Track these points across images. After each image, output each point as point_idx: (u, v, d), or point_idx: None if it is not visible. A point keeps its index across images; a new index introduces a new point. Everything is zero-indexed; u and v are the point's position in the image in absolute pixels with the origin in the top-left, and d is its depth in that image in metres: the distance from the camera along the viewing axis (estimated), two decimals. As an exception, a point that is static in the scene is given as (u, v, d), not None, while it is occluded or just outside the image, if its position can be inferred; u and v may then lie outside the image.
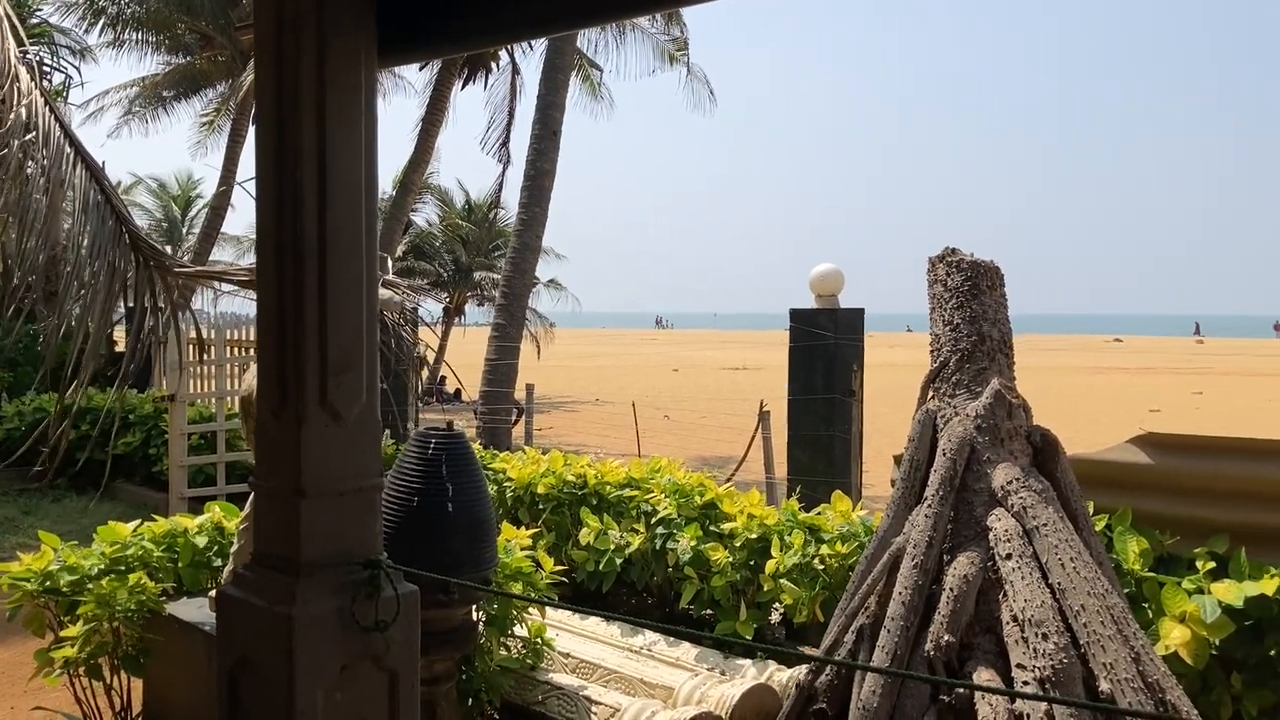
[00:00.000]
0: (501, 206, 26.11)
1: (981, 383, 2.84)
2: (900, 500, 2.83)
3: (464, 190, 31.01)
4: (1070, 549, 2.52)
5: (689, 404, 23.85)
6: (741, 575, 4.79)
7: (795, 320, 6.79)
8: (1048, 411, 19.65)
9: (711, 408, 22.32)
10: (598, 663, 4.61)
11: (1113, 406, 24.09)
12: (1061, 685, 2.34)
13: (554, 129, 12.39)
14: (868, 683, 2.53)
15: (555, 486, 5.68)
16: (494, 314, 12.69)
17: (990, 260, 2.91)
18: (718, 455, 15.90)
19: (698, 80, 18.58)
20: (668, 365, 41.44)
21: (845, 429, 6.53)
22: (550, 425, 20.24)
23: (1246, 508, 3.87)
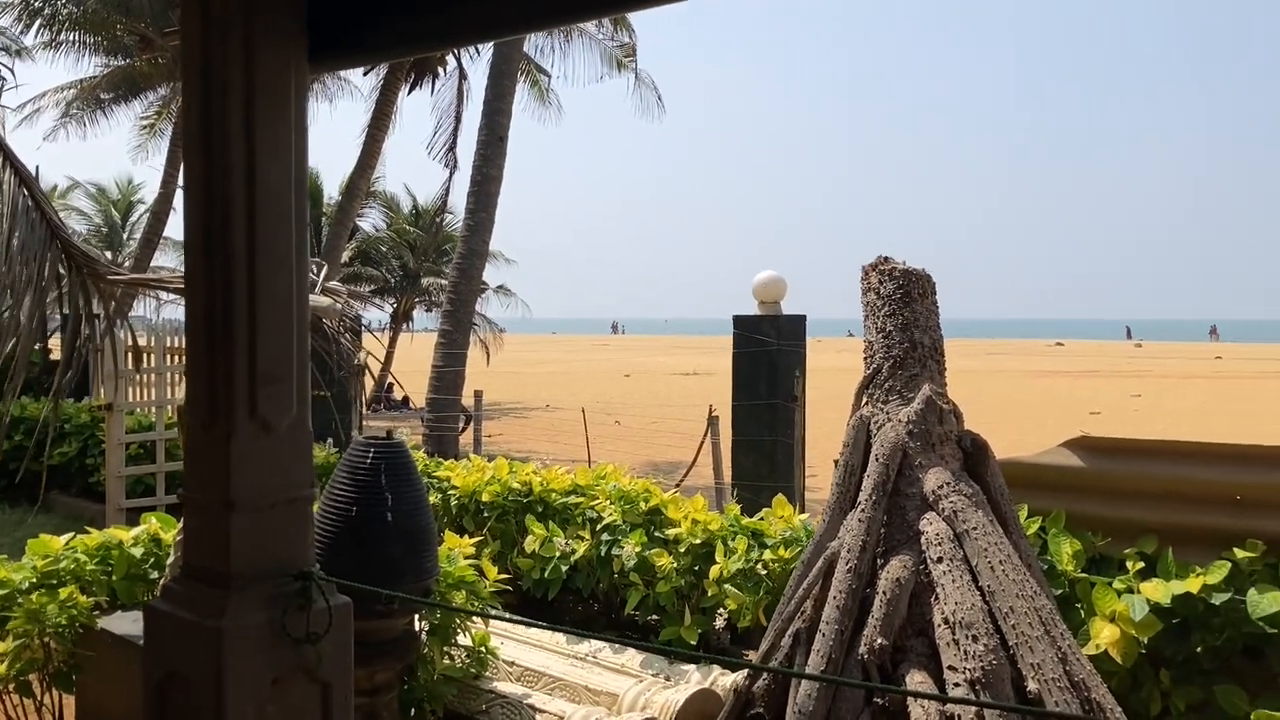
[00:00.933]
0: (449, 212, 25.97)
1: (914, 389, 2.88)
2: (835, 505, 2.86)
3: (411, 195, 30.81)
4: (1000, 552, 2.57)
5: (640, 410, 23.87)
6: (686, 581, 4.82)
7: (738, 327, 6.85)
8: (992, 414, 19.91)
9: (662, 413, 22.36)
10: (542, 670, 4.60)
11: (1055, 409, 24.55)
12: (991, 686, 2.38)
13: (501, 134, 12.36)
14: (803, 687, 2.56)
15: (500, 494, 5.66)
16: (440, 320, 12.61)
17: (922, 269, 2.96)
18: (668, 461, 15.94)
19: (646, 87, 18.65)
20: (619, 371, 41.45)
21: (788, 434, 6.60)
22: (500, 432, 20.14)
23: (1174, 508, 3.97)
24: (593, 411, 20.14)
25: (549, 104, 19.82)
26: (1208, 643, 3.72)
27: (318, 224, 26.84)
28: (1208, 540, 3.85)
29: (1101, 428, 19.41)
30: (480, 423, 14.30)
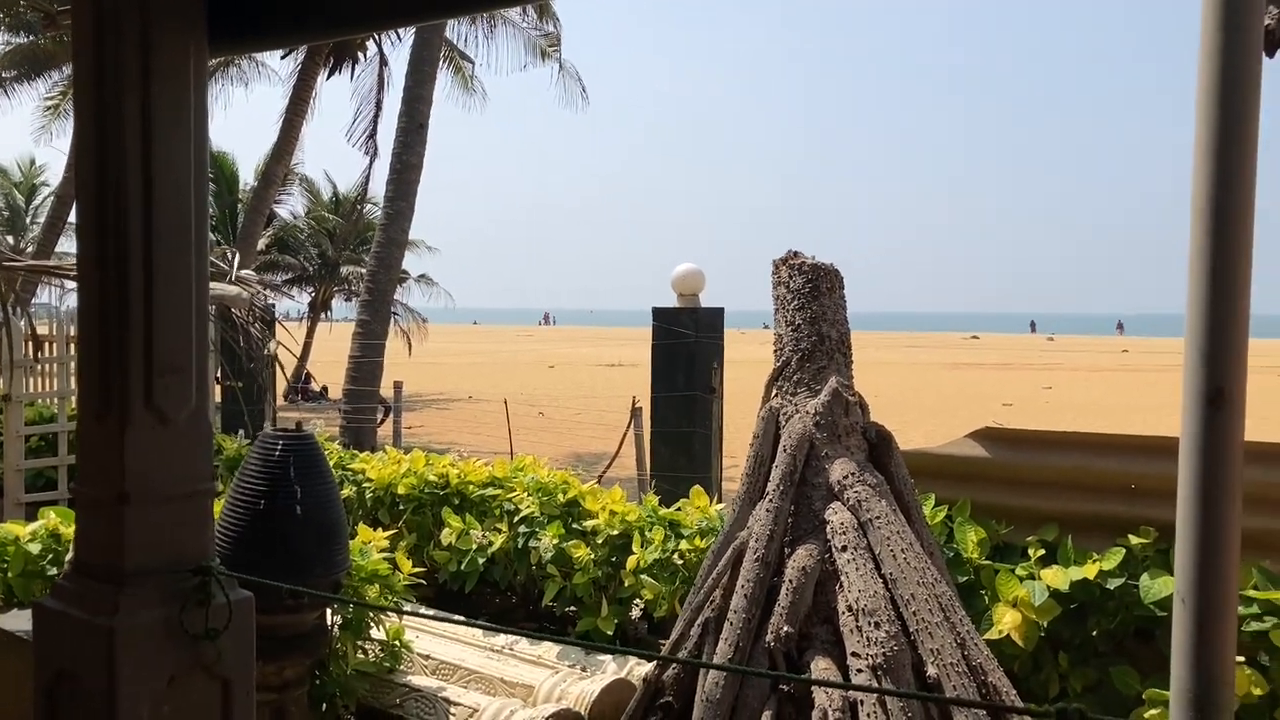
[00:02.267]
0: (369, 200, 25.56)
1: (821, 381, 2.93)
2: (745, 496, 2.90)
3: (331, 182, 30.26)
4: (902, 540, 2.63)
5: (564, 401, 23.84)
6: (603, 572, 4.83)
7: (657, 319, 6.89)
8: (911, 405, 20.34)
9: (587, 404, 22.36)
10: (458, 663, 4.58)
11: (970, 401, 25.18)
12: (892, 672, 2.44)
13: (421, 122, 12.20)
14: (711, 675, 2.59)
15: (416, 487, 5.60)
16: (358, 310, 12.42)
17: (829, 263, 3.01)
18: (592, 452, 15.96)
19: (570, 77, 18.59)
20: (544, 362, 41.32)
21: (706, 425, 6.66)
22: (421, 424, 19.93)
23: (1073, 497, 4.11)
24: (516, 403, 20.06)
25: (473, 91, 19.64)
26: (1103, 626, 3.87)
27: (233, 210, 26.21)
28: (1104, 527, 3.99)
29: (1014, 419, 19.98)
30: (400, 414, 14.13)
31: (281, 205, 28.14)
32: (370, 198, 23.49)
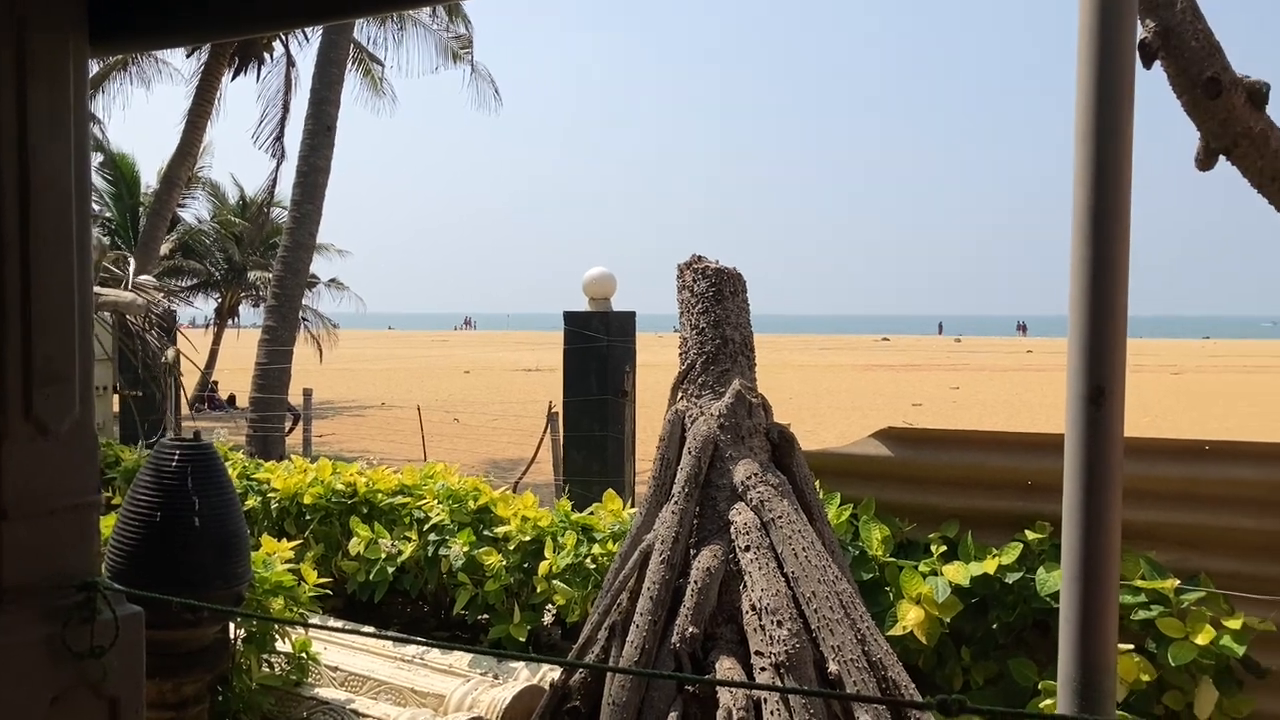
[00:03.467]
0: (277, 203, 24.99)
1: (725, 384, 2.96)
2: (652, 498, 2.91)
3: (238, 186, 29.48)
4: (803, 539, 2.67)
5: (480, 407, 23.65)
6: (515, 578, 4.81)
7: (569, 323, 6.87)
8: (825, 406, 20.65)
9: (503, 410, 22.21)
10: (367, 674, 4.51)
11: (881, 401, 25.70)
12: (794, 669, 2.48)
13: (329, 124, 11.97)
14: (617, 678, 2.59)
15: (323, 496, 5.50)
16: (265, 316, 12.13)
17: (733, 267, 3.05)
18: (508, 458, 15.86)
19: (483, 79, 18.45)
20: (459, 367, 40.90)
21: (618, 429, 6.67)
22: (332, 431, 19.56)
23: (973, 494, 4.23)
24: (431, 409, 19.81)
25: (383, 94, 19.36)
26: (1002, 619, 3.98)
27: (134, 214, 25.37)
28: (1003, 523, 4.11)
29: (924, 418, 20.47)
30: (310, 422, 13.84)
31: (186, 209, 27.34)
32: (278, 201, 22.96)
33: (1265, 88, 2.92)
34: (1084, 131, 2.08)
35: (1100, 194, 2.06)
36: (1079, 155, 2.09)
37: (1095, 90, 2.06)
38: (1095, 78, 2.06)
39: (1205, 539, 3.94)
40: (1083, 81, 2.09)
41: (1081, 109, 2.10)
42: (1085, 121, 2.07)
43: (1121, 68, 2.06)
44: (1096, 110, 2.05)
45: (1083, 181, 2.07)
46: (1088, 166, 2.06)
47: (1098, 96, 2.06)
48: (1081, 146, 2.09)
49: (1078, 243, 2.06)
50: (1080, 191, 2.08)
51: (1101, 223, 2.05)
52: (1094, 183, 2.06)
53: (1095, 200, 2.05)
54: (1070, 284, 2.09)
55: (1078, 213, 2.07)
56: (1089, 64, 2.07)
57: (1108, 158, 2.06)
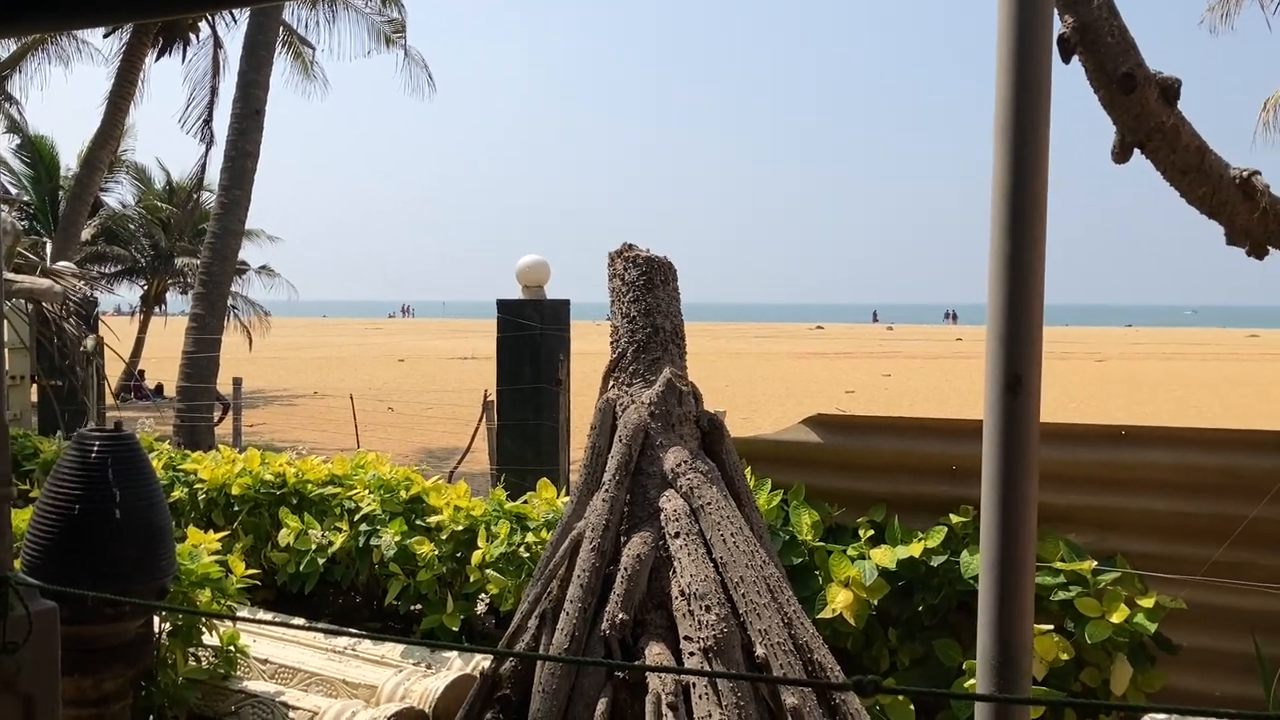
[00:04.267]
0: (206, 188, 24.40)
1: (656, 372, 2.98)
2: (583, 486, 2.92)
3: (165, 170, 28.68)
4: (732, 525, 2.71)
5: (415, 395, 23.44)
6: (448, 568, 4.78)
7: (502, 311, 6.84)
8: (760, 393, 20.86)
9: (438, 399, 22.04)
10: (298, 666, 4.46)
11: (815, 388, 26.03)
12: (722, 653, 2.51)
13: (257, 108, 11.73)
14: (547, 666, 2.60)
15: (252, 486, 5.41)
16: (192, 303, 11.87)
17: (664, 256, 3.06)
18: (444, 447, 15.76)
19: (416, 64, 18.19)
20: (393, 356, 40.46)
21: (553, 417, 6.66)
22: (263, 421, 19.23)
23: (899, 479, 4.31)
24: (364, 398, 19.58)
25: (314, 77, 19.00)
26: (928, 601, 4.07)
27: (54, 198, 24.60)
28: (929, 507, 4.20)
29: (856, 405, 20.77)
30: (240, 412, 13.60)
31: (109, 193, 26.56)
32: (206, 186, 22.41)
33: (1177, 84, 3.01)
34: (1003, 125, 2.12)
35: (1018, 187, 2.10)
36: (998, 148, 2.13)
37: (1013, 85, 2.11)
38: (1013, 72, 2.10)
39: (1121, 521, 4.07)
40: (1001, 76, 2.14)
41: (1000, 103, 2.14)
42: (1004, 115, 2.12)
43: (1039, 63, 2.10)
44: (1015, 104, 2.09)
45: (1001, 174, 2.11)
46: (1006, 159, 2.11)
47: (1016, 91, 2.10)
48: (1000, 140, 2.13)
49: (996, 235, 2.10)
50: (999, 184, 2.12)
51: (1019, 215, 2.09)
52: (1012, 176, 2.10)
53: (1013, 193, 2.09)
54: (989, 276, 2.13)
55: (996, 205, 2.11)
56: (1007, 59, 2.11)
57: (1026, 151, 2.11)
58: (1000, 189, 2.10)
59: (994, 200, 2.12)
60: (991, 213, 2.13)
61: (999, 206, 2.11)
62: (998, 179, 2.11)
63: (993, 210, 2.12)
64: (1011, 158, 2.09)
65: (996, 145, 2.13)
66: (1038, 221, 2.10)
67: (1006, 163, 2.10)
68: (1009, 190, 2.08)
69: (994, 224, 2.12)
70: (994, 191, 2.12)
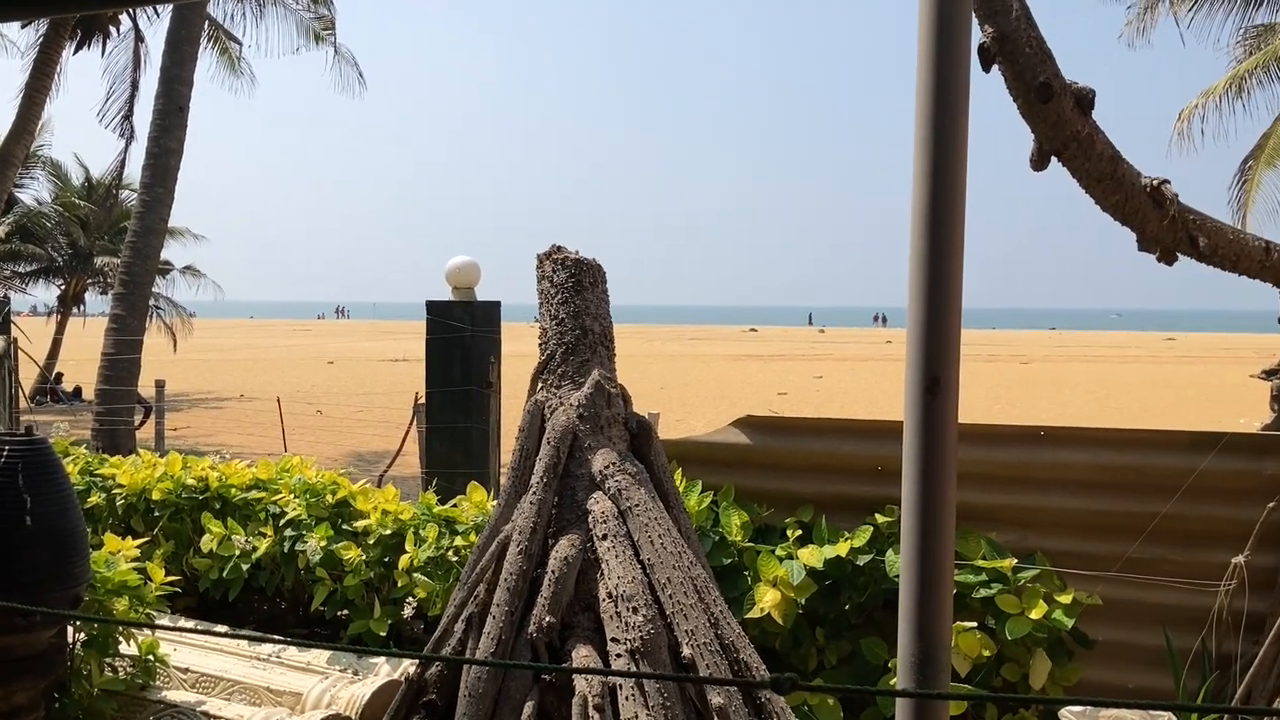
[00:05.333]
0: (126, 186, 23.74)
1: (585, 374, 2.98)
2: (511, 489, 2.91)
3: (83, 166, 27.81)
4: (660, 526, 2.72)
5: (344, 398, 23.12)
6: (376, 572, 4.72)
7: (431, 313, 6.77)
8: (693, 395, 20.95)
9: (368, 401, 21.77)
10: (221, 675, 4.37)
11: (749, 390, 26.26)
12: (649, 655, 2.52)
13: (181, 103, 11.45)
14: (473, 670, 2.58)
15: (173, 491, 5.28)
16: (112, 304, 11.54)
17: (593, 258, 3.07)
18: (374, 451, 15.56)
19: (346, 62, 17.91)
20: (323, 358, 39.85)
21: (483, 420, 6.61)
22: (187, 425, 18.80)
23: (826, 480, 4.37)
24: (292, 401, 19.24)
25: (241, 74, 18.58)
26: (854, 600, 4.13)
27: (-35, 194, 23.74)
28: (855, 507, 4.27)
29: (789, 407, 21.00)
30: (163, 415, 13.28)
31: (24, 190, 25.70)
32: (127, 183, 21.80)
33: (1091, 94, 3.10)
34: (922, 132, 2.16)
35: (937, 193, 2.14)
36: (918, 155, 2.17)
37: (933, 92, 2.15)
38: (933, 80, 2.15)
39: (1040, 519, 4.18)
40: (921, 84, 2.18)
41: (920, 110, 2.18)
42: (923, 123, 2.16)
43: (958, 71, 2.15)
44: (934, 112, 2.14)
45: (921, 181, 2.15)
46: (925, 166, 2.15)
47: (935, 99, 2.14)
48: (920, 147, 2.17)
49: (916, 240, 2.14)
50: (919, 190, 2.16)
51: (938, 221, 2.14)
52: (931, 182, 2.14)
53: (932, 199, 2.13)
54: (909, 280, 2.17)
55: (916, 211, 2.15)
56: (927, 67, 2.15)
57: (944, 158, 2.15)
58: (920, 195, 2.14)
59: (914, 206, 2.16)
60: (911, 218, 2.17)
61: (919, 212, 2.15)
62: (917, 185, 2.15)
63: (912, 216, 2.16)
64: (931, 165, 2.13)
65: (916, 152, 2.17)
66: (956, 227, 2.15)
67: (926, 169, 2.14)
68: (928, 196, 2.13)
69: (914, 229, 2.16)
70: (914, 198, 2.16)
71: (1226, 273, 3.66)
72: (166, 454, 5.74)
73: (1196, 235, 3.34)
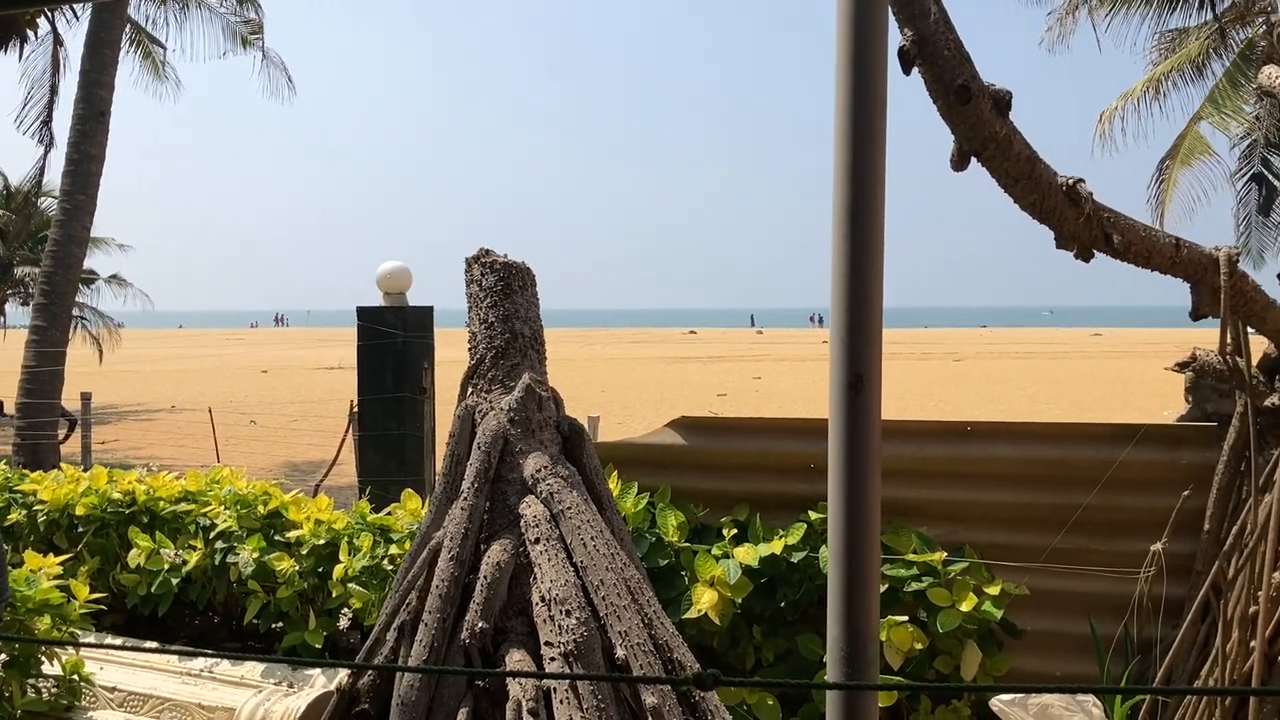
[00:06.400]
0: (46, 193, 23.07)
1: (515, 378, 2.98)
2: (442, 495, 2.89)
3: (1, 174, 27.00)
4: (592, 529, 2.72)
5: (279, 407, 22.75)
6: (310, 583, 4.66)
7: (363, 319, 6.69)
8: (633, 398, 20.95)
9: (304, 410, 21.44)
10: (150, 693, 4.27)
11: (689, 392, 26.36)
12: (583, 657, 2.52)
13: (102, 109, 11.16)
14: (406, 677, 2.56)
15: (98, 506, 5.14)
16: (32, 315, 11.22)
17: (522, 261, 3.06)
18: (309, 460, 15.34)
19: (275, 67, 17.62)
20: (256, 367, 39.14)
21: (417, 427, 6.55)
22: (115, 438, 18.34)
23: (761, 479, 4.42)
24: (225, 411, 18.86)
25: (165, 78, 18.17)
26: (789, 597, 4.18)
27: (-126, 203, 22.90)
28: (790, 505, 4.32)
29: (728, 408, 21.12)
30: (89, 428, 12.94)
31: (-62, 198, 24.87)
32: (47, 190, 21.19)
33: (1008, 95, 3.17)
34: (842, 134, 2.19)
35: (857, 193, 2.17)
36: (838, 157, 2.20)
37: (851, 94, 2.18)
38: (851, 82, 2.18)
39: (969, 513, 4.26)
40: (840, 86, 2.21)
41: (840, 113, 2.22)
42: (843, 124, 2.19)
43: (875, 73, 2.18)
44: (853, 114, 2.17)
45: (841, 182, 2.19)
46: (845, 167, 2.18)
47: (854, 100, 2.18)
48: (840, 148, 2.21)
49: (837, 241, 2.18)
50: (839, 191, 2.19)
51: (859, 222, 2.17)
52: (851, 183, 2.18)
53: (852, 200, 2.17)
54: (831, 280, 2.20)
55: (836, 212, 2.18)
56: (846, 70, 2.19)
57: (864, 159, 2.19)
58: (840, 197, 2.18)
59: (834, 207, 2.19)
60: (832, 219, 2.21)
61: (839, 213, 2.18)
62: (838, 187, 2.19)
63: (833, 217, 2.20)
64: (851, 166, 2.17)
65: (836, 154, 2.20)
66: (876, 227, 2.19)
67: (846, 170, 2.17)
68: (848, 198, 2.16)
69: (835, 230, 2.19)
70: (834, 199, 2.19)
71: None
72: (92, 468, 5.60)
73: (1111, 233, 3.43)
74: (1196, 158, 15.87)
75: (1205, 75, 15.52)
